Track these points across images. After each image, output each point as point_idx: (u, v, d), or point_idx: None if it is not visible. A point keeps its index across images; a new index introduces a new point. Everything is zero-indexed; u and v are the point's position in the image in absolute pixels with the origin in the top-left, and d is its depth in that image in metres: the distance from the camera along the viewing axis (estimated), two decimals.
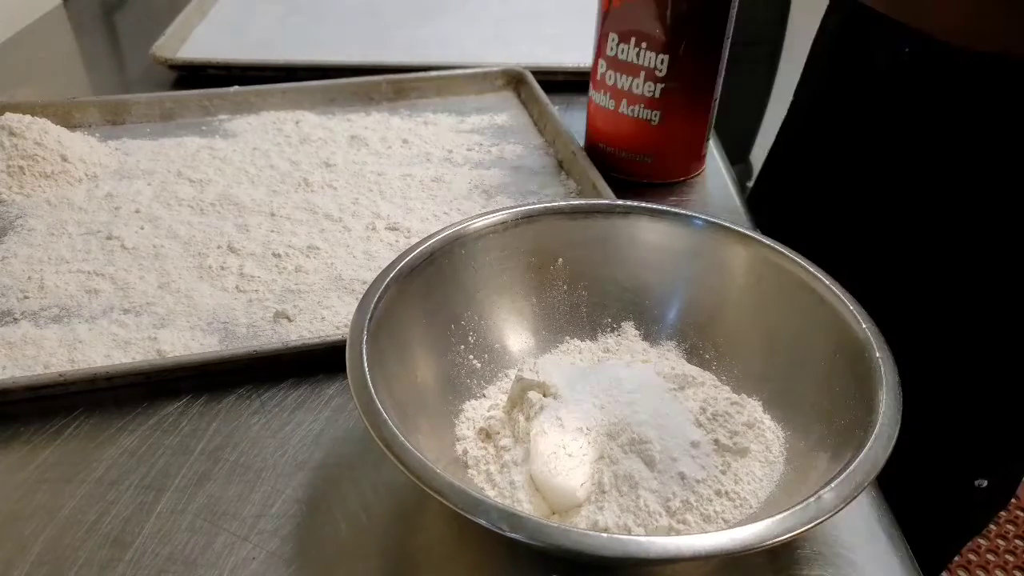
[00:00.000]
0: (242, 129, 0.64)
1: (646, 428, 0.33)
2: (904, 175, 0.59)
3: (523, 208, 0.42)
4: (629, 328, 0.42)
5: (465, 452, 0.35)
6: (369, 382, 0.31)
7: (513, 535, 0.26)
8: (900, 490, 0.41)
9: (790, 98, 0.72)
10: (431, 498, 0.28)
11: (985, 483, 0.64)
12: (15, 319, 0.44)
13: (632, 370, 0.37)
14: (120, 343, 0.43)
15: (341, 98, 0.68)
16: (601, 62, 0.57)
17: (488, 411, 0.37)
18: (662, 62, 0.54)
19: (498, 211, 0.41)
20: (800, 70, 0.71)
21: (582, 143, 0.61)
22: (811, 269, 0.37)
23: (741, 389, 0.38)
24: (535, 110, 0.67)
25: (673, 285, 0.42)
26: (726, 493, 0.33)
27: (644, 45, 0.54)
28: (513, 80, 0.71)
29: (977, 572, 1.20)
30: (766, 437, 0.36)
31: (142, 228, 0.52)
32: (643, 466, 0.32)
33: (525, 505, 0.32)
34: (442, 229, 0.40)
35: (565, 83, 0.71)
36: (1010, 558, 1.23)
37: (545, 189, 0.58)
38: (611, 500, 0.32)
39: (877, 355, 0.33)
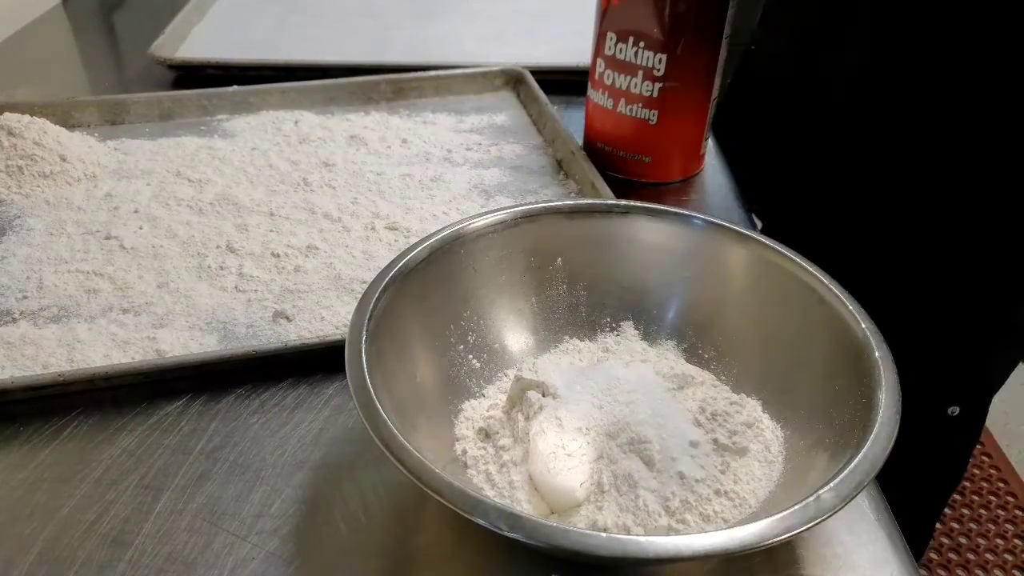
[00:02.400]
0: (241, 129, 0.64)
1: (645, 428, 0.33)
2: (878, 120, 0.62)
3: (522, 208, 0.42)
4: (628, 328, 0.42)
5: (464, 452, 0.35)
6: (368, 382, 0.31)
7: (512, 535, 0.26)
8: None
9: None
10: (430, 498, 0.28)
11: (957, 410, 0.68)
12: (14, 319, 0.44)
13: (631, 370, 0.37)
14: (119, 343, 0.43)
15: (340, 98, 0.68)
16: (599, 61, 0.57)
17: (487, 411, 0.37)
18: (660, 61, 0.54)
19: (497, 211, 0.41)
20: None
21: (581, 143, 0.61)
22: (811, 269, 0.37)
23: (740, 389, 0.38)
24: (534, 110, 0.67)
25: (672, 285, 0.42)
26: (725, 493, 0.33)
27: (642, 44, 0.54)
28: (512, 80, 0.71)
29: (976, 572, 1.20)
30: (765, 437, 0.36)
31: (141, 228, 0.52)
32: (642, 466, 0.32)
33: (524, 505, 0.32)
34: (441, 229, 0.40)
35: (564, 83, 0.71)
36: (1009, 557, 1.23)
37: (544, 189, 0.58)
38: (610, 500, 0.32)
39: (877, 355, 0.33)
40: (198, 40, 0.79)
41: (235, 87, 0.67)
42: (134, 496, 0.35)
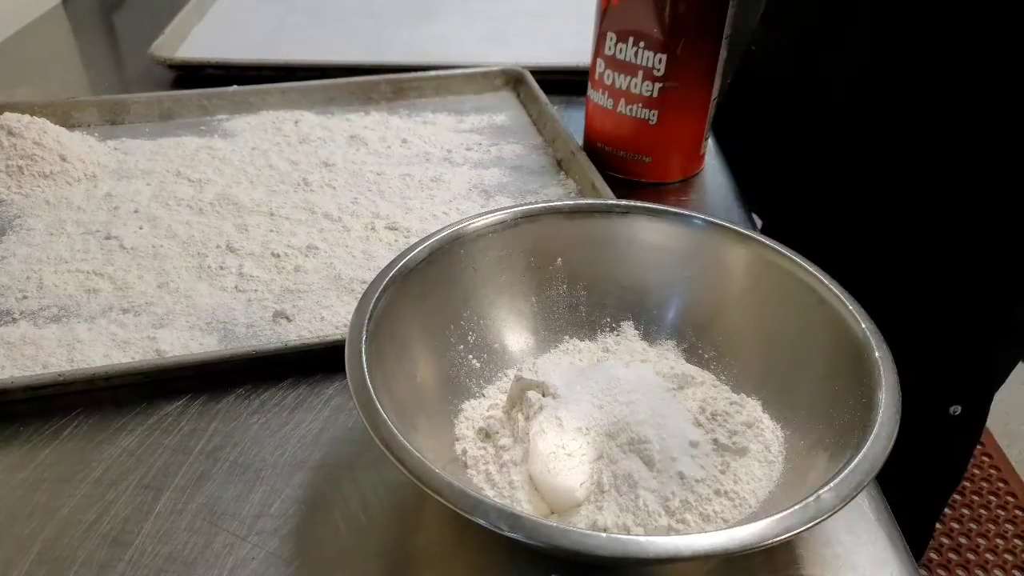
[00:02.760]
0: (241, 129, 0.64)
1: (645, 428, 0.33)
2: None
3: (522, 208, 0.42)
4: (628, 328, 0.42)
5: (464, 452, 0.35)
6: (368, 382, 0.31)
7: (512, 535, 0.26)
8: None
9: None
10: (430, 498, 0.28)
11: (959, 409, 0.68)
12: (14, 319, 0.44)
13: (631, 370, 0.37)
14: (119, 343, 0.43)
15: (340, 98, 0.68)
16: (599, 61, 0.57)
17: (487, 411, 0.37)
18: (660, 61, 0.54)
19: (497, 211, 0.41)
20: None
21: (581, 143, 0.61)
22: (811, 269, 0.37)
23: (740, 389, 0.38)
24: (534, 110, 0.67)
25: (672, 285, 0.42)
26: (725, 493, 0.33)
27: (642, 44, 0.54)
28: (512, 80, 0.71)
29: (976, 572, 1.20)
30: (765, 437, 0.36)
31: (141, 228, 0.52)
32: (642, 466, 0.32)
33: (524, 505, 0.32)
34: (441, 229, 0.40)
35: (564, 83, 0.71)
36: (1009, 557, 1.23)
37: (544, 189, 0.58)
38: (610, 500, 0.32)
39: (876, 355, 0.33)
40: (198, 40, 0.79)
41: (235, 87, 0.67)
42: (134, 496, 0.35)
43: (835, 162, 0.67)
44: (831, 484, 0.28)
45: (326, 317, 0.45)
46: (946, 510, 1.29)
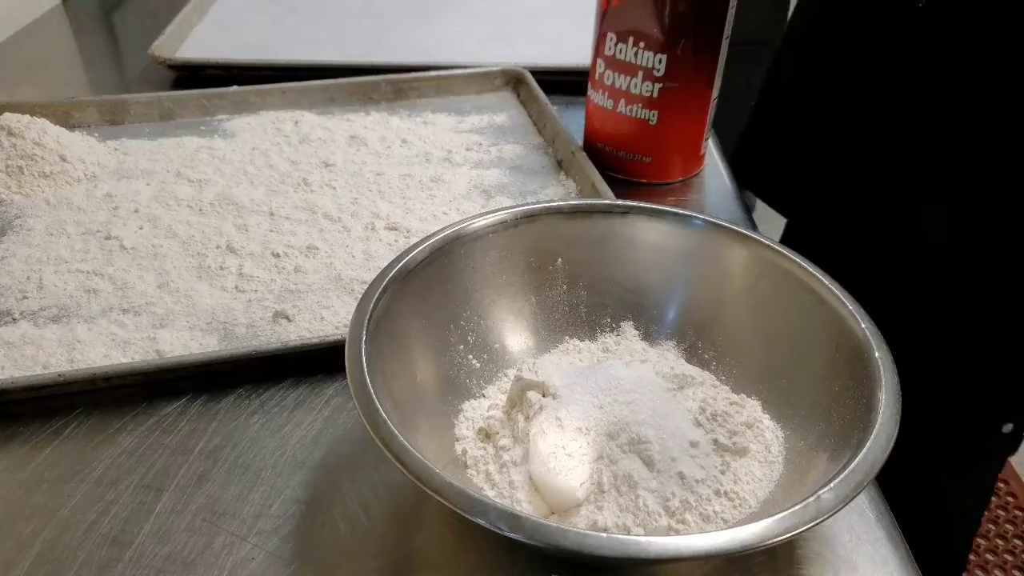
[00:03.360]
0: (241, 129, 0.64)
1: (645, 428, 0.33)
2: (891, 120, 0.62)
3: (522, 208, 0.42)
4: (628, 328, 0.42)
5: (464, 452, 0.35)
6: (368, 382, 0.31)
7: (512, 535, 0.26)
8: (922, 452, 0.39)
9: None
10: (430, 498, 0.28)
11: (1011, 427, 0.66)
12: (14, 319, 0.44)
13: (631, 370, 0.37)
14: (119, 343, 0.43)
15: (340, 98, 0.68)
16: (600, 62, 0.57)
17: (487, 411, 0.37)
18: (660, 62, 0.54)
19: (497, 211, 0.41)
20: None
21: (581, 143, 0.61)
22: (811, 269, 0.37)
23: (740, 389, 0.38)
24: (534, 110, 0.67)
25: (672, 285, 0.42)
26: (725, 493, 0.33)
27: (642, 45, 0.54)
28: (512, 80, 0.71)
29: (976, 572, 1.20)
30: (765, 437, 0.36)
31: (141, 228, 0.52)
32: (642, 466, 0.32)
33: (524, 505, 0.32)
34: (441, 229, 0.40)
35: (564, 83, 0.71)
36: (1009, 557, 1.23)
37: (544, 189, 0.58)
38: (610, 500, 0.32)
39: (876, 355, 0.33)
40: (198, 40, 0.79)
41: (235, 87, 0.67)
42: (134, 496, 0.35)
43: (870, 167, 0.65)
44: (831, 484, 0.28)
45: (326, 317, 0.45)
46: None
